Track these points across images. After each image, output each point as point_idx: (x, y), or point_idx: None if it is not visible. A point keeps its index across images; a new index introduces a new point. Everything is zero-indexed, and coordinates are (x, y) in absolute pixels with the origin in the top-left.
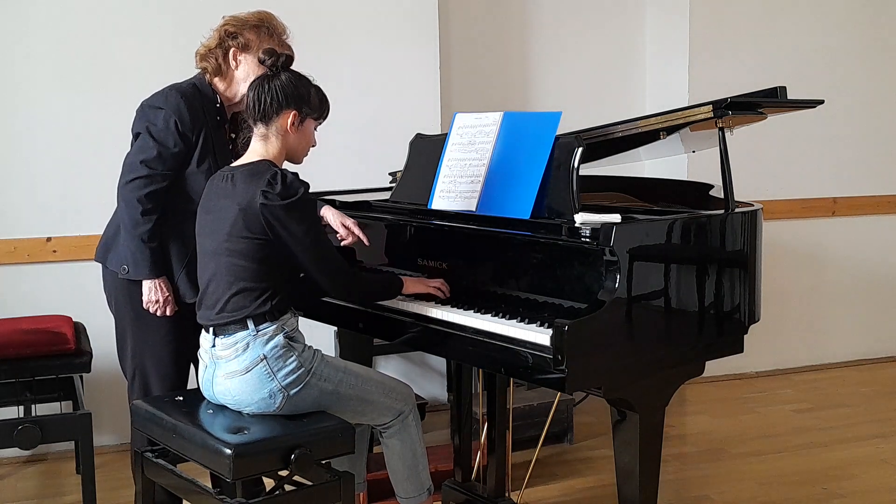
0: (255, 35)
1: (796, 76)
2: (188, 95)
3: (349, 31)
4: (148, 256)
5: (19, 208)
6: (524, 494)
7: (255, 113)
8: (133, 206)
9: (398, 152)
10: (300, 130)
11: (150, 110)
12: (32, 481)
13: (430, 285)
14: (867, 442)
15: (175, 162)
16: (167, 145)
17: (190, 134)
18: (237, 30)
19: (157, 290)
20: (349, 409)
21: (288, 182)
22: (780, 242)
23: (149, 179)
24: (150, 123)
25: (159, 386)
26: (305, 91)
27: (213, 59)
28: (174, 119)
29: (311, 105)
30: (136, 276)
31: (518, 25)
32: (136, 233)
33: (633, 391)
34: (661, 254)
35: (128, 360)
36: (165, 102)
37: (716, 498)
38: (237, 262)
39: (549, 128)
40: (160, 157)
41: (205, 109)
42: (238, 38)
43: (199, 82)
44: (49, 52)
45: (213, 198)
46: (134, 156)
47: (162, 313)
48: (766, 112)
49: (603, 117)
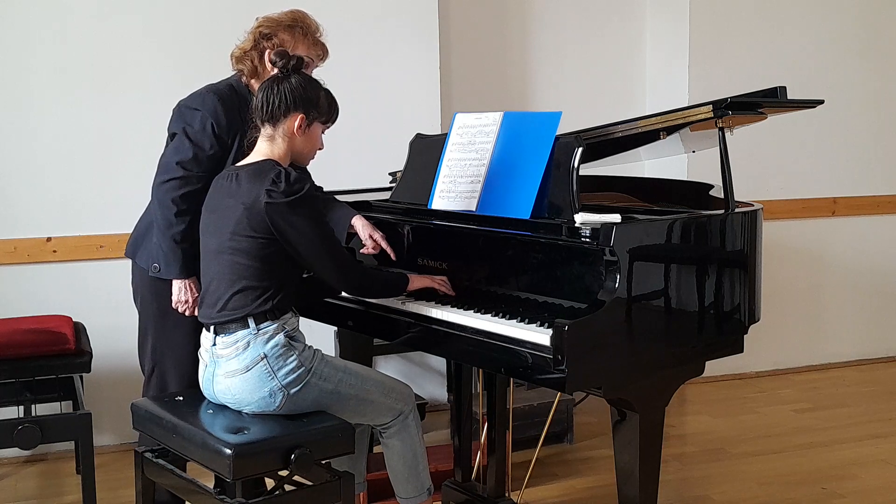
0: (289, 35)
1: (796, 76)
2: (225, 97)
3: (349, 31)
4: (180, 257)
5: (19, 208)
6: (524, 494)
7: (263, 114)
8: (167, 207)
9: (398, 152)
10: (307, 134)
11: (187, 111)
12: (32, 481)
13: (436, 280)
14: (867, 442)
15: (211, 164)
16: (203, 147)
17: (226, 136)
18: (272, 31)
19: (186, 290)
20: (349, 409)
21: (292, 179)
22: (780, 242)
23: (184, 181)
24: (186, 124)
25: (176, 384)
26: (314, 94)
27: (248, 62)
28: (211, 121)
29: (319, 109)
30: (168, 275)
31: (518, 25)
32: (169, 233)
33: (633, 391)
34: (661, 254)
35: (147, 355)
36: (202, 104)
37: (716, 498)
38: (240, 260)
39: (549, 128)
40: (196, 158)
41: (241, 111)
42: (273, 38)
43: (235, 83)
44: (50, 53)
45: (217, 197)
46: (170, 156)
47: (190, 313)
48: (766, 112)
49: (603, 117)
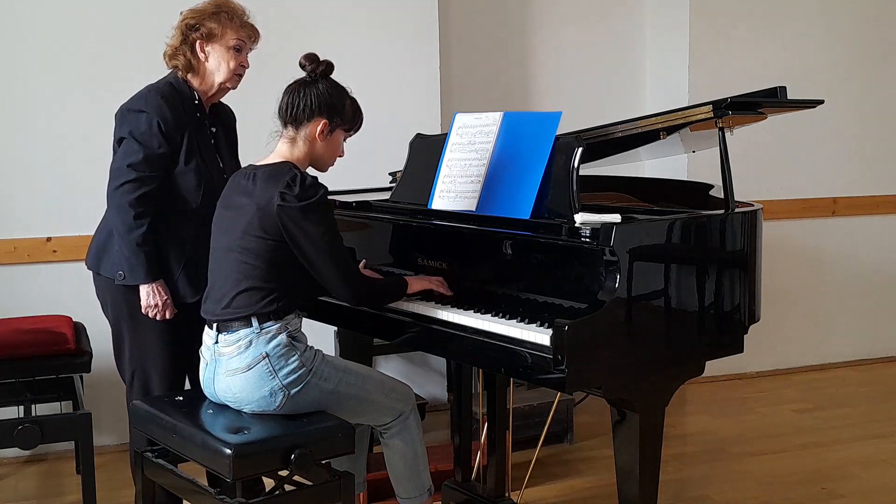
0: (216, 23)
1: (796, 76)
2: (168, 95)
3: (349, 31)
4: (143, 261)
5: (19, 208)
6: (524, 494)
7: (287, 115)
8: (125, 211)
9: (398, 152)
10: (328, 140)
11: (130, 114)
12: (32, 481)
13: (433, 281)
14: (867, 442)
15: (162, 163)
16: (152, 147)
17: (174, 134)
18: (197, 21)
19: (154, 293)
20: (349, 409)
21: (307, 185)
22: (780, 242)
23: (138, 183)
24: (132, 127)
25: (159, 386)
26: (340, 102)
27: (181, 57)
28: (157, 120)
29: (343, 116)
30: (133, 281)
31: (518, 25)
32: (129, 238)
33: (633, 391)
34: (661, 254)
35: (125, 363)
36: (146, 104)
37: (716, 498)
38: (248, 260)
39: (549, 128)
40: (147, 159)
41: (185, 107)
42: (200, 28)
43: (174, 81)
44: (49, 53)
45: (233, 195)
46: (120, 160)
47: (162, 317)
48: (766, 112)
49: (603, 117)
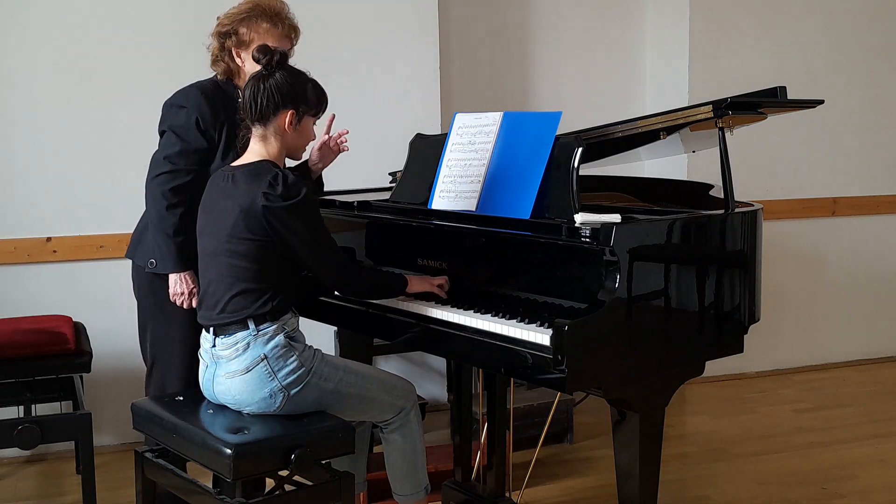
0: (246, 28)
1: (796, 76)
2: (209, 93)
3: (349, 31)
4: (174, 250)
5: (19, 208)
6: (524, 494)
7: (252, 114)
8: (158, 201)
9: (398, 152)
10: (298, 129)
11: (172, 108)
12: (32, 481)
13: (434, 283)
14: (867, 442)
15: (199, 157)
16: (190, 141)
17: (213, 130)
18: (230, 27)
19: (182, 282)
20: (350, 408)
21: (290, 183)
22: (780, 242)
23: (173, 175)
24: (172, 121)
25: (176, 378)
26: (301, 89)
27: (221, 64)
28: (196, 116)
29: (308, 102)
30: (163, 269)
31: (518, 25)
32: (161, 227)
33: (633, 391)
34: (661, 254)
35: (147, 349)
36: (187, 100)
37: (716, 498)
38: (238, 263)
39: (549, 128)
40: (183, 152)
41: (226, 106)
42: (233, 36)
43: (220, 81)
44: (49, 53)
45: (213, 197)
46: (159, 152)
47: (188, 306)
48: (766, 112)
49: (603, 117)
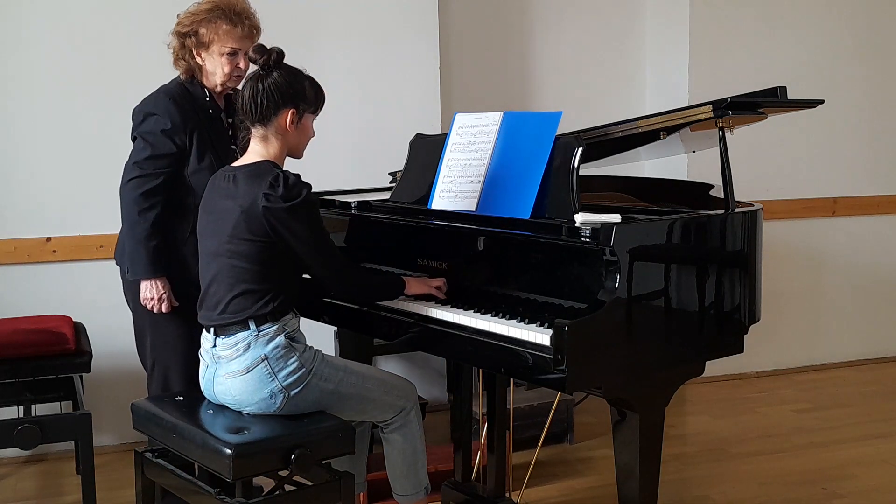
0: (206, 28)
1: (796, 76)
2: (176, 96)
3: (349, 31)
4: (144, 256)
5: (19, 208)
6: (524, 494)
7: (253, 115)
8: (130, 206)
9: (398, 152)
10: (299, 127)
11: (140, 116)
12: (32, 481)
13: (433, 285)
14: (867, 442)
15: (169, 161)
16: (158, 147)
17: (182, 134)
18: (191, 28)
19: (152, 287)
20: (350, 408)
21: (290, 184)
22: (780, 242)
23: (142, 179)
24: (142, 127)
25: (179, 377)
26: (300, 87)
27: (183, 62)
28: (163, 121)
29: (307, 100)
30: (134, 275)
31: (518, 25)
32: (133, 233)
33: (633, 391)
34: (661, 254)
35: (147, 353)
36: (155, 106)
37: (716, 498)
38: (239, 263)
39: (549, 128)
40: (151, 157)
41: (195, 107)
42: (192, 36)
43: (185, 81)
44: (49, 53)
45: (214, 198)
46: (130, 159)
47: (158, 310)
48: (766, 112)
49: (603, 117)
